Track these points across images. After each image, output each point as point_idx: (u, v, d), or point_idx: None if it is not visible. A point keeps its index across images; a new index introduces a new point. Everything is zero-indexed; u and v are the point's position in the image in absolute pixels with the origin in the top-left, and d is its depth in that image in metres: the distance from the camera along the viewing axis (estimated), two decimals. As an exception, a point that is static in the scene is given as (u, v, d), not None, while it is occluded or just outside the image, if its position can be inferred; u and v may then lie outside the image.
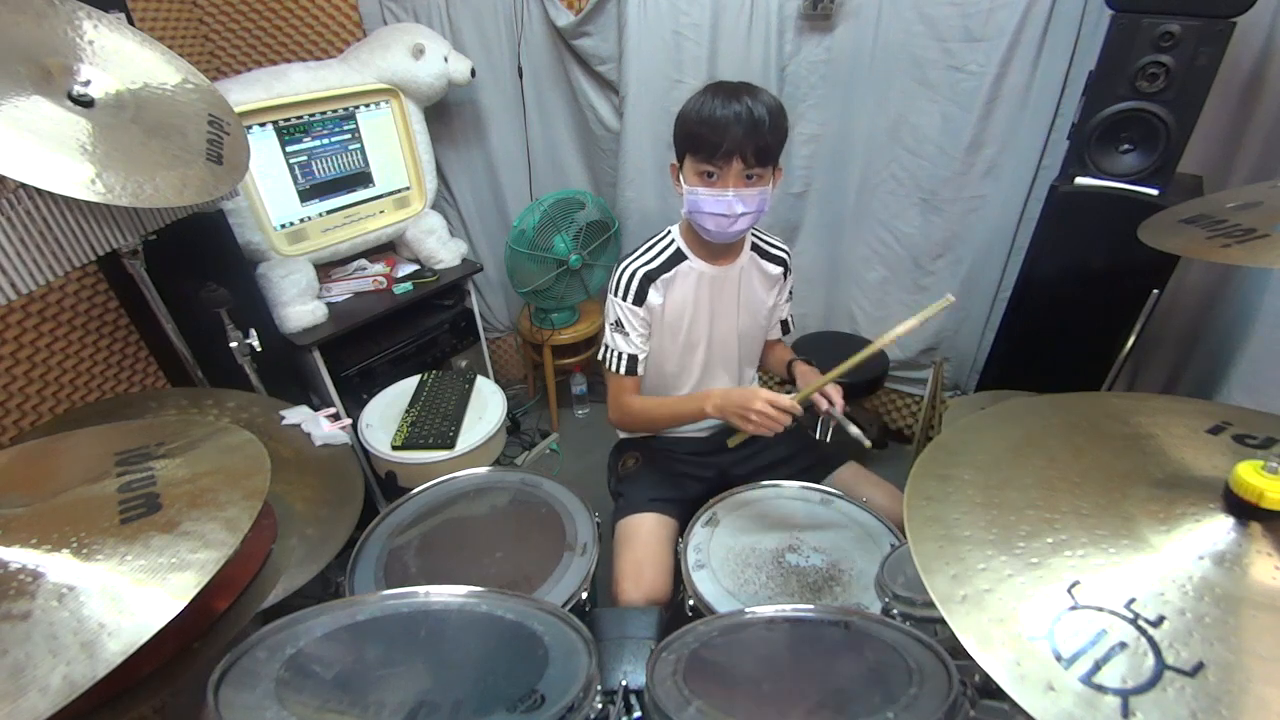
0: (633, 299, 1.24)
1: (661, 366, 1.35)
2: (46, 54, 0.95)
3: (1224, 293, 1.51)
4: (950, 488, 0.63)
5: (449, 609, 0.71)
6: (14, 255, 0.89)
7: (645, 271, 1.24)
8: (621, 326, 1.26)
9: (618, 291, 1.25)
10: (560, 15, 1.93)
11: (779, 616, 0.76)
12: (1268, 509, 0.50)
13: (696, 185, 1.12)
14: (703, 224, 1.15)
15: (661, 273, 1.24)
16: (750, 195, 1.11)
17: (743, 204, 1.10)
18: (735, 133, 1.05)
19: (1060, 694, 0.44)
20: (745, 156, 1.07)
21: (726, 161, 1.08)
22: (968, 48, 1.63)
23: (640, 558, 1.19)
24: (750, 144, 1.06)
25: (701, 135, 1.08)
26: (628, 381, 1.29)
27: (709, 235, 1.18)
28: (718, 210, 1.11)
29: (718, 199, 1.11)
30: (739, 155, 1.07)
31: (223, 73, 2.03)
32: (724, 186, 1.10)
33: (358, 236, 1.95)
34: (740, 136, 1.05)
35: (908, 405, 2.30)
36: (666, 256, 1.26)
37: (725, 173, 1.09)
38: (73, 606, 0.51)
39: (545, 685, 0.70)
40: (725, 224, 1.13)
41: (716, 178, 1.10)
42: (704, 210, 1.13)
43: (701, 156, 1.10)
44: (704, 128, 1.07)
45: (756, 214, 1.13)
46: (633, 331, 1.26)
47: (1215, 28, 1.19)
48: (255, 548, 0.76)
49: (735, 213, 1.11)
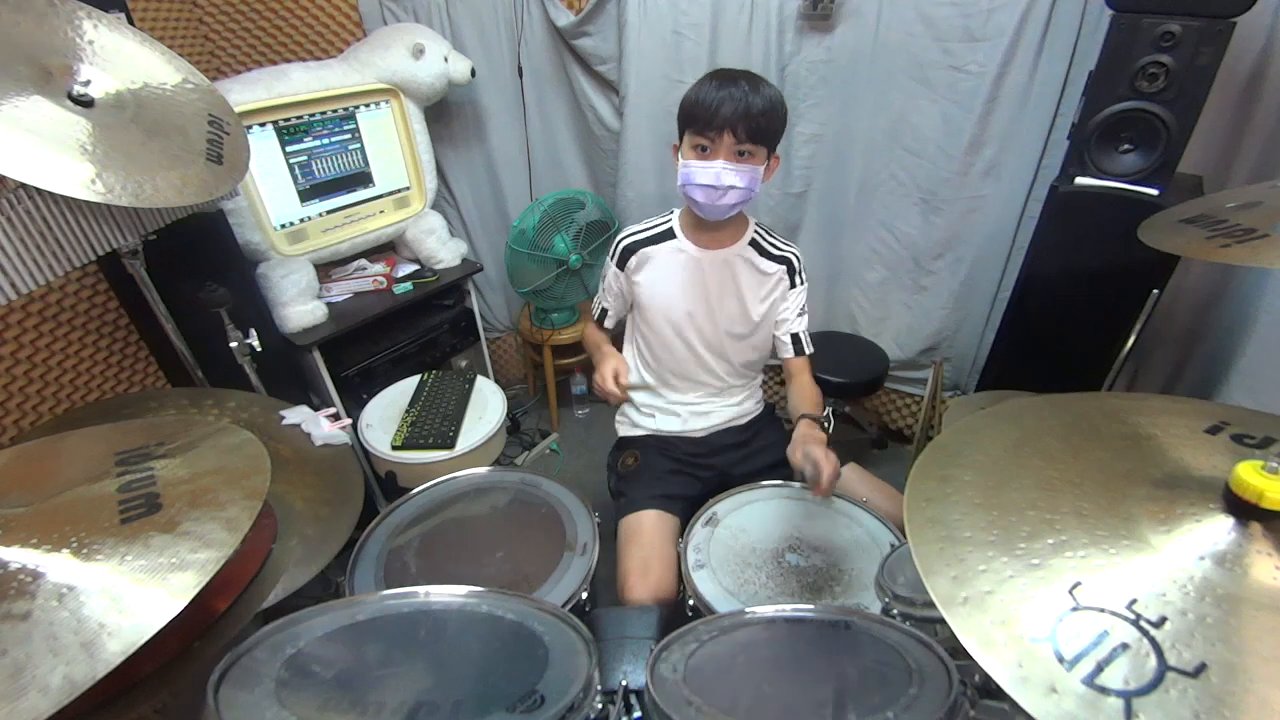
0: (616, 261, 1.36)
1: (648, 343, 1.39)
2: (47, 54, 0.95)
3: (1224, 293, 1.51)
4: (950, 489, 0.63)
5: (449, 609, 0.71)
6: (14, 255, 0.89)
7: (632, 240, 1.34)
8: (605, 282, 1.42)
9: (611, 252, 1.39)
10: (560, 15, 1.93)
11: (779, 616, 0.76)
12: (1268, 509, 0.50)
13: (691, 158, 1.18)
14: (693, 196, 1.19)
15: (647, 245, 1.33)
16: (740, 169, 1.14)
17: (733, 176, 1.14)
18: (729, 108, 1.10)
19: (1063, 696, 0.44)
20: (737, 131, 1.12)
21: (719, 134, 1.12)
22: (968, 48, 1.63)
23: (647, 555, 1.19)
24: (743, 121, 1.11)
25: (698, 110, 1.13)
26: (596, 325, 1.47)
27: (700, 210, 1.22)
28: (706, 181, 1.15)
29: (706, 169, 1.15)
30: (730, 129, 1.11)
31: (223, 73, 2.02)
32: (715, 158, 1.14)
33: (358, 236, 1.95)
34: (733, 112, 1.10)
35: (907, 405, 2.30)
36: (658, 231, 1.33)
37: (717, 145, 1.14)
38: (73, 606, 0.51)
39: (545, 685, 0.70)
40: (714, 196, 1.16)
41: (709, 150, 1.15)
42: (694, 181, 1.17)
43: (696, 129, 1.15)
44: (701, 103, 1.13)
45: (747, 191, 1.17)
46: (609, 290, 1.41)
47: (1215, 28, 1.19)
48: (255, 548, 0.76)
49: (724, 184, 1.15)
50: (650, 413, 1.44)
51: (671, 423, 1.42)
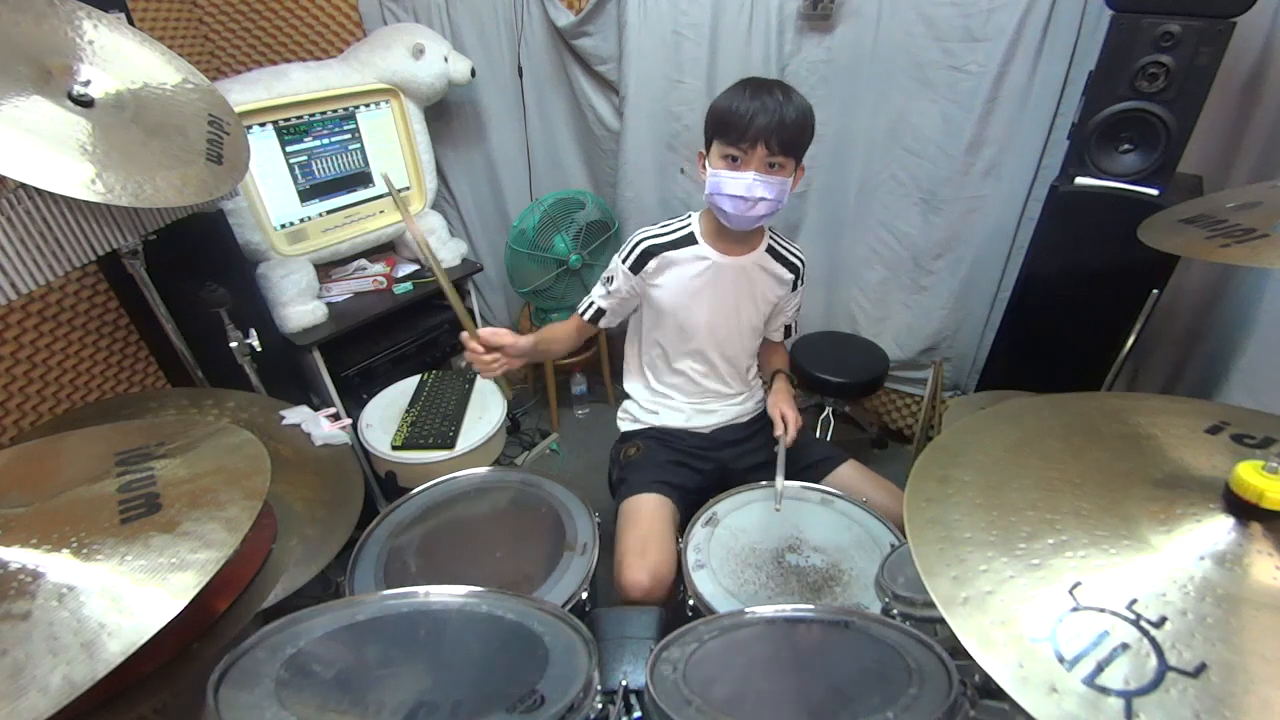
0: (631, 264, 1.30)
1: (660, 347, 1.38)
2: (47, 54, 0.95)
3: (1224, 293, 1.51)
4: (950, 489, 0.63)
5: (449, 609, 0.71)
6: (14, 255, 0.89)
7: (652, 244, 1.29)
8: (610, 283, 1.33)
9: (622, 254, 1.32)
10: (560, 15, 1.93)
11: (779, 616, 0.76)
12: (1268, 509, 0.50)
13: (720, 168, 1.16)
14: (722, 206, 1.18)
15: (668, 249, 1.28)
16: (771, 182, 1.14)
17: (763, 188, 1.13)
18: (762, 120, 1.09)
19: (1063, 696, 0.44)
20: (769, 144, 1.11)
21: (752, 146, 1.11)
22: (968, 48, 1.63)
23: (645, 535, 1.19)
24: (776, 133, 1.10)
25: (731, 120, 1.12)
26: (581, 322, 1.37)
27: (728, 220, 1.20)
28: (737, 192, 1.14)
29: (737, 179, 1.13)
30: (763, 141, 1.10)
31: (223, 73, 2.02)
32: (746, 169, 1.13)
33: (358, 236, 1.95)
34: (766, 124, 1.09)
35: (907, 405, 2.30)
36: (678, 236, 1.29)
37: (749, 157, 1.13)
38: (73, 606, 0.51)
39: (545, 685, 0.70)
40: (744, 207, 1.15)
41: (740, 162, 1.14)
42: (724, 192, 1.15)
43: (728, 140, 1.13)
44: (734, 113, 1.11)
45: (775, 203, 1.16)
46: (614, 293, 1.33)
47: (1215, 28, 1.19)
48: (255, 548, 0.76)
49: (755, 196, 1.14)
50: (654, 409, 1.45)
51: (675, 418, 1.43)
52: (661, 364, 1.41)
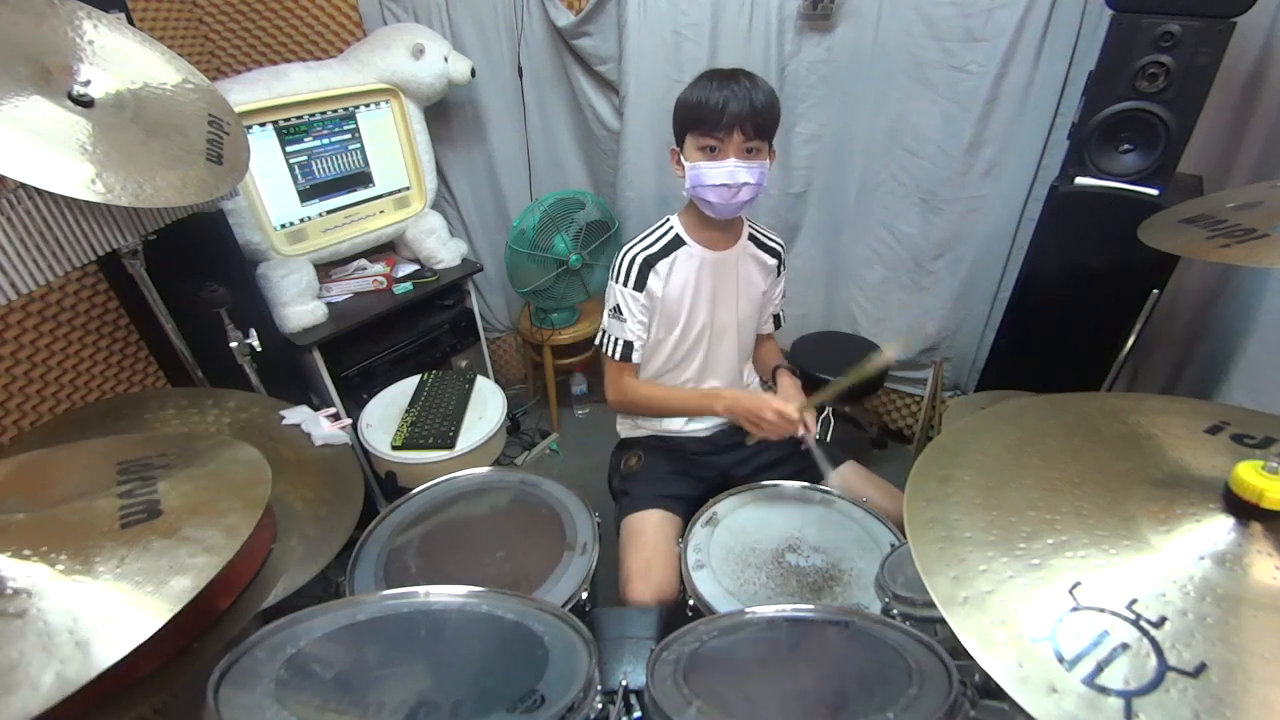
0: (634, 284, 1.27)
1: (662, 352, 1.37)
2: (46, 54, 0.94)
3: (1224, 293, 1.50)
4: (950, 489, 0.63)
5: (449, 609, 0.71)
6: (14, 255, 0.88)
7: (645, 256, 1.27)
8: (620, 312, 1.29)
9: (619, 277, 1.28)
10: (560, 15, 1.93)
11: (779, 616, 0.75)
12: (1268, 509, 0.50)
13: (699, 160, 1.16)
14: (706, 198, 1.18)
15: (661, 257, 1.28)
16: (751, 166, 1.15)
17: (745, 173, 1.14)
18: (734, 106, 1.10)
19: (1063, 696, 0.44)
20: (745, 129, 1.12)
21: (728, 133, 1.12)
22: (968, 48, 1.63)
23: (649, 556, 1.19)
24: (750, 117, 1.11)
25: (704, 111, 1.12)
26: (626, 366, 1.32)
27: (712, 210, 1.20)
28: (720, 181, 1.15)
29: (718, 168, 1.14)
30: (739, 127, 1.11)
31: (223, 73, 2.02)
32: (725, 157, 1.14)
33: (358, 236, 1.95)
34: (739, 110, 1.10)
35: (908, 405, 2.30)
36: (665, 242, 1.29)
37: (727, 144, 1.13)
38: (69, 606, 0.51)
39: (545, 685, 0.70)
40: (728, 195, 1.16)
41: (718, 150, 1.14)
42: (706, 183, 1.16)
43: (703, 130, 1.14)
44: (706, 104, 1.12)
45: (757, 187, 1.17)
46: (631, 318, 1.29)
47: (1215, 28, 1.19)
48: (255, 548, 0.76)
49: (738, 182, 1.14)
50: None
51: (674, 422, 1.43)
52: (661, 363, 1.41)
